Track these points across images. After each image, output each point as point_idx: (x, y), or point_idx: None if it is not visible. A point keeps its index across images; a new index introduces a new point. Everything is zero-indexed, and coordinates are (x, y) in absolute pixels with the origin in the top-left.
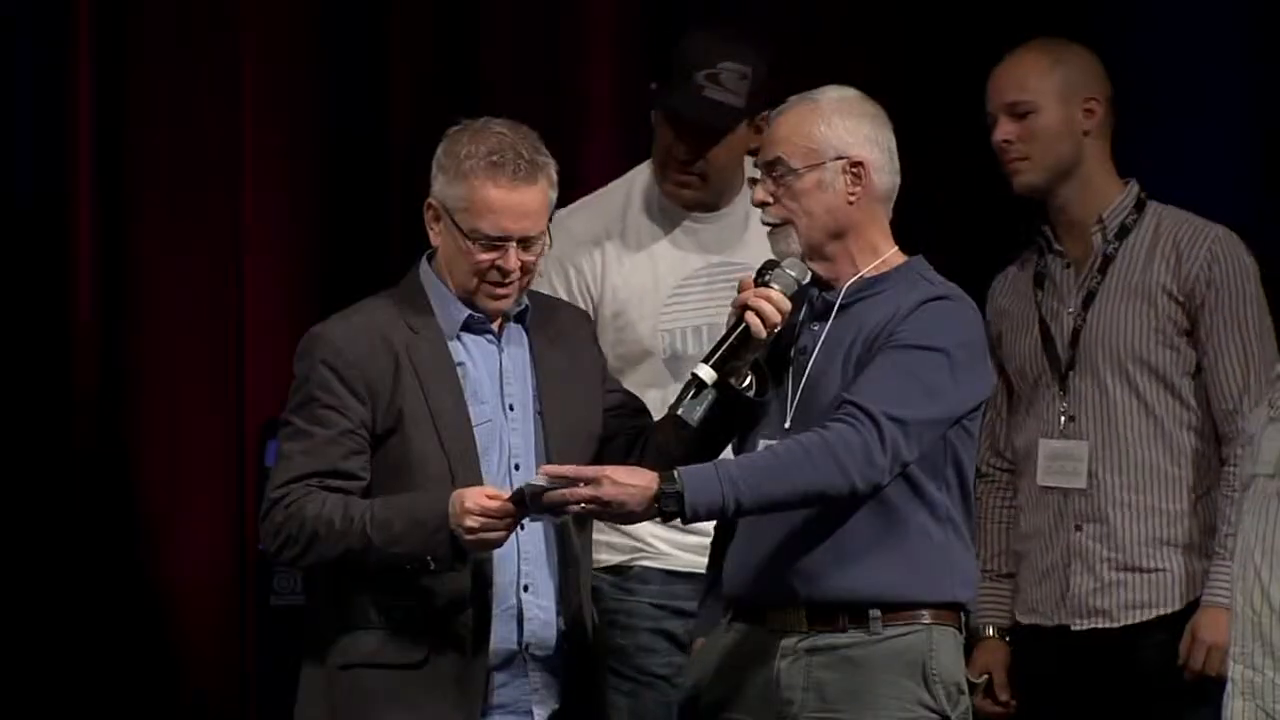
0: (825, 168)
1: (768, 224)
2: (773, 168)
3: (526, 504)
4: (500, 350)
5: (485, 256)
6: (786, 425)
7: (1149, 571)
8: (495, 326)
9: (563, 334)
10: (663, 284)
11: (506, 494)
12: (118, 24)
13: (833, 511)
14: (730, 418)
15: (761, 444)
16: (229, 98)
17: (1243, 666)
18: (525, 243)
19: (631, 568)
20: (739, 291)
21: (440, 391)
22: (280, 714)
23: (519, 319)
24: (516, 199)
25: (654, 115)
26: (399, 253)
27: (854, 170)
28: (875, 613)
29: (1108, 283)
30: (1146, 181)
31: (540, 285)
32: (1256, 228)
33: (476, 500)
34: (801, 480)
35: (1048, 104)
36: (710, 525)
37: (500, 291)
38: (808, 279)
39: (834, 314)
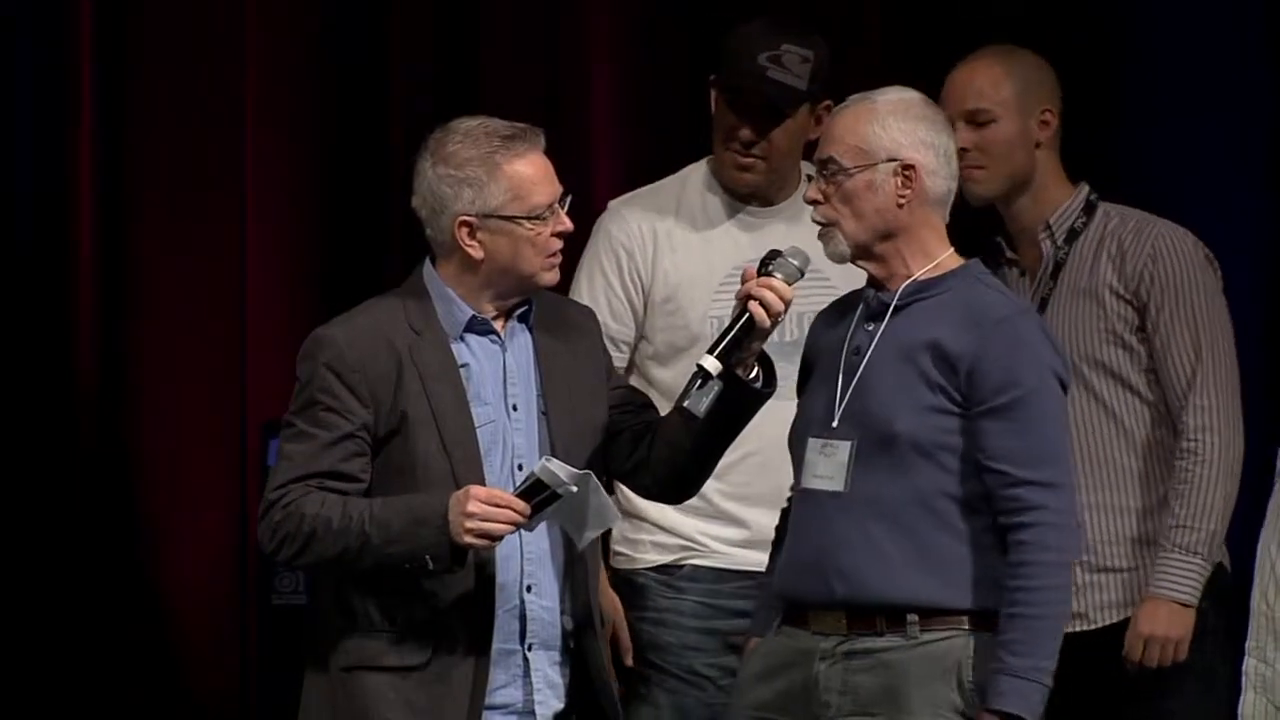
0: (876, 169)
1: (817, 222)
2: (825, 166)
3: (537, 498)
4: (504, 350)
5: (548, 229)
6: (834, 424)
7: (1123, 571)
8: (498, 326)
9: (567, 331)
10: (715, 272)
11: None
12: (119, 25)
13: (876, 517)
14: (738, 409)
15: (810, 442)
16: (230, 98)
17: (1256, 660)
18: (563, 202)
19: (681, 566)
20: (742, 281)
21: (443, 393)
22: (281, 713)
23: (523, 318)
24: (544, 163)
25: (714, 101)
26: (399, 252)
27: (905, 173)
28: (913, 618)
29: (1059, 287)
30: (1149, 181)
31: (593, 270)
32: (1259, 228)
33: (482, 490)
34: (1061, 607)
35: (1006, 114)
36: (760, 520)
37: (559, 259)
38: (809, 267)
39: (889, 314)
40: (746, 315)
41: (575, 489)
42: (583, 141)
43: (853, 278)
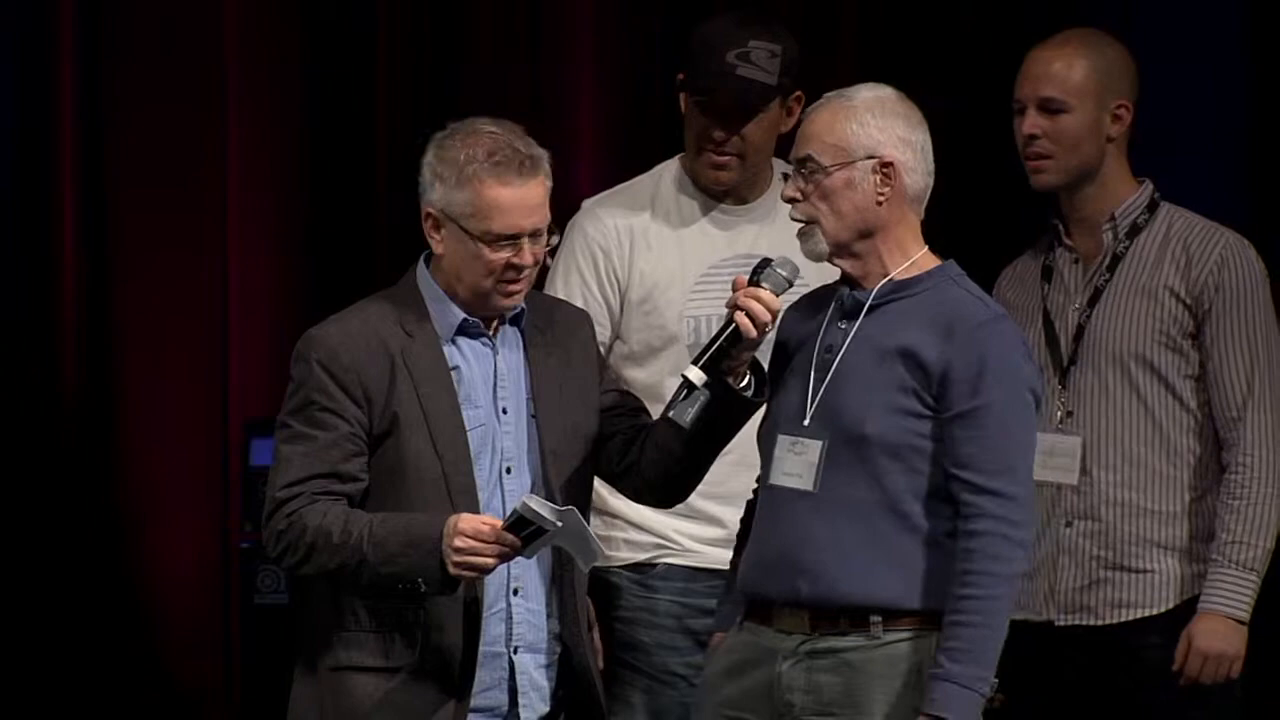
0: (855, 167)
1: (796, 220)
2: (803, 164)
3: (524, 531)
4: (495, 353)
5: (499, 256)
6: (806, 422)
7: (1138, 572)
8: (490, 330)
9: (559, 335)
10: (690, 271)
11: (500, 516)
12: (100, 24)
13: (843, 517)
14: (729, 417)
15: (780, 439)
16: (213, 97)
17: None
18: (535, 236)
19: (655, 565)
20: (733, 290)
21: (434, 395)
22: (264, 711)
23: (514, 321)
24: (524, 195)
25: (684, 101)
26: (384, 251)
27: (884, 170)
28: (876, 618)
29: (1115, 281)
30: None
31: (570, 271)
32: (1249, 232)
33: (469, 523)
34: (1004, 618)
35: (1082, 106)
36: (736, 519)
37: (514, 288)
38: (799, 278)
39: (863, 314)
40: (733, 326)
41: (560, 524)
42: (567, 141)
43: (828, 277)
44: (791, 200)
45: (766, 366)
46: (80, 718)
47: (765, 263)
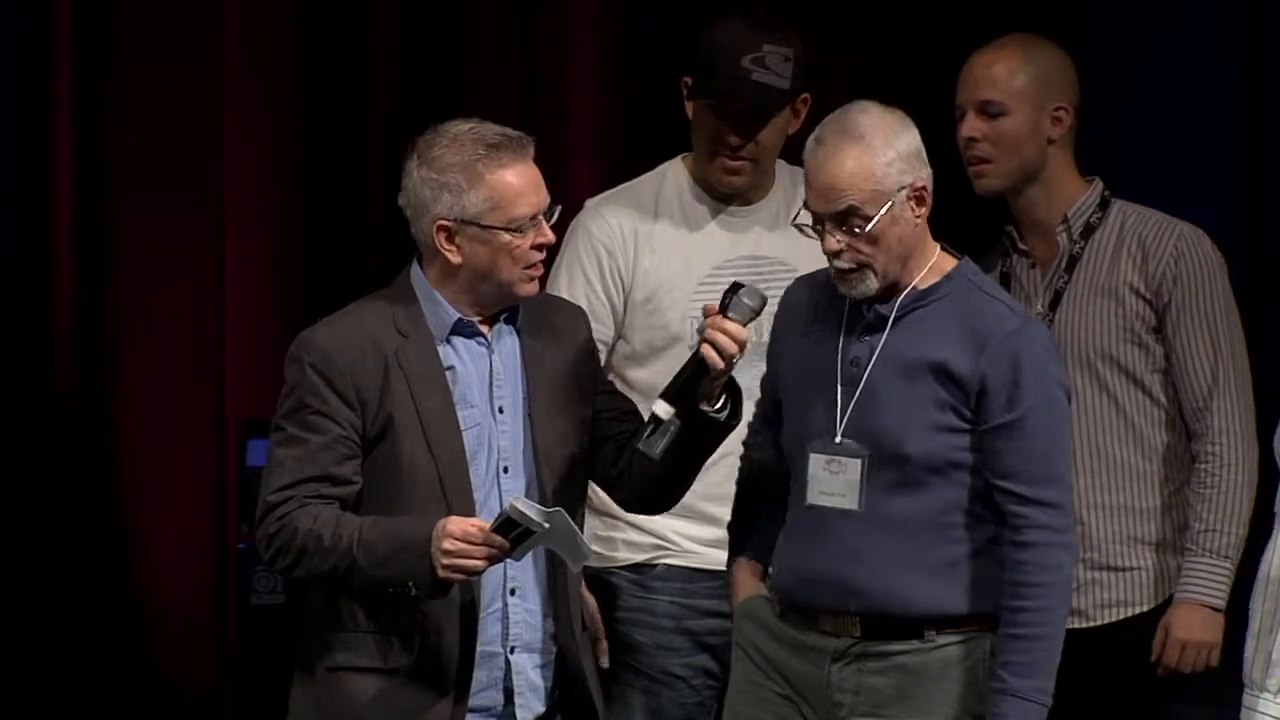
0: (894, 204)
1: (841, 269)
2: (845, 220)
3: (512, 533)
4: (490, 353)
5: (527, 241)
6: (838, 440)
7: (1123, 570)
8: (485, 329)
9: (555, 333)
10: (694, 271)
11: (490, 520)
12: (99, 24)
13: (889, 534)
14: (703, 440)
15: (813, 458)
16: (211, 97)
17: None
18: (549, 212)
19: (654, 565)
20: (704, 317)
21: (429, 396)
22: (260, 712)
23: (510, 320)
24: (530, 172)
25: (693, 106)
26: (379, 250)
27: (917, 195)
28: (930, 629)
29: (1074, 282)
30: (1129, 186)
31: (573, 270)
32: (1241, 234)
33: (458, 525)
34: (1061, 626)
35: (1019, 108)
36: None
37: (538, 272)
38: (764, 306)
39: (889, 326)
40: (700, 358)
41: (548, 525)
42: (566, 141)
43: (815, 262)
44: (836, 253)
45: (759, 378)
46: (78, 718)
47: (735, 288)
